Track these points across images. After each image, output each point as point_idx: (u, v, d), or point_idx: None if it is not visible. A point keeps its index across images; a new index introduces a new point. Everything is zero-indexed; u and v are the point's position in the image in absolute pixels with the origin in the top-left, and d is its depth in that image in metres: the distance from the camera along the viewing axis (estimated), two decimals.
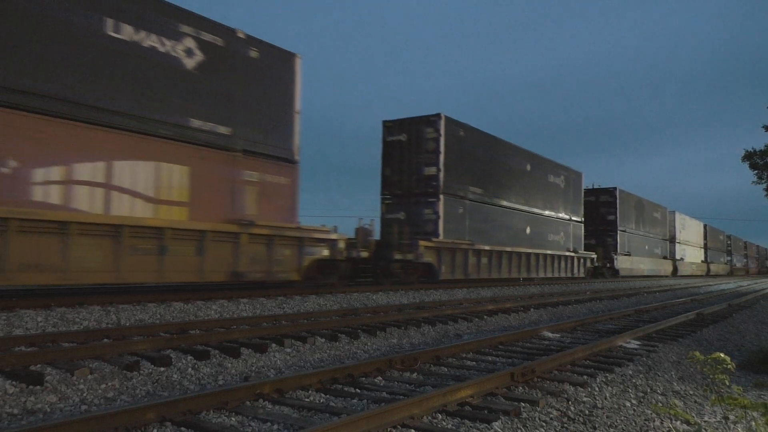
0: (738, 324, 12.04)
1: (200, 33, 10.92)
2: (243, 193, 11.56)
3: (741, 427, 4.72)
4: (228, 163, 11.32)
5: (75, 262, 8.86)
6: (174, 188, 10.44)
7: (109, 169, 9.54)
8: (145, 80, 10.05)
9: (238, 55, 11.58)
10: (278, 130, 12.41)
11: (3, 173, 8.28)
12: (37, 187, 8.68)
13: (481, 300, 14.09)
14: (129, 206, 9.79)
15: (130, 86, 9.85)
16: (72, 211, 8.94)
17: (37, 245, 8.48)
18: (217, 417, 4.16)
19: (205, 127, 10.92)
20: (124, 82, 9.77)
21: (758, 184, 20.74)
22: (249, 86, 11.81)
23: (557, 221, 25.34)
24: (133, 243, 9.59)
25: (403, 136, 18.03)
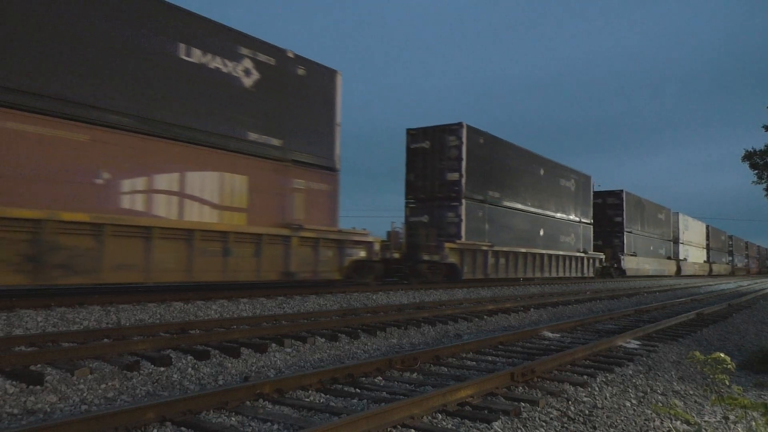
0: (738, 324, 12.04)
1: (256, 54, 12.04)
2: (292, 199, 12.68)
3: (741, 427, 4.71)
4: (279, 172, 12.43)
5: (156, 262, 9.93)
6: (235, 196, 11.57)
7: (183, 180, 10.68)
8: (211, 98, 11.13)
9: (288, 73, 12.72)
10: (321, 140, 13.50)
11: (98, 184, 9.40)
12: (125, 196, 9.81)
13: (481, 300, 14.09)
14: (198, 212, 10.93)
15: (200, 104, 10.94)
16: (153, 217, 10.11)
17: (126, 248, 9.55)
18: (217, 417, 4.16)
19: (260, 139, 12.02)
20: (194, 101, 10.86)
21: (758, 184, 20.75)
22: (297, 101, 12.90)
23: (568, 223, 26.30)
24: (202, 246, 10.67)
25: (426, 143, 19.10)
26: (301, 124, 12.98)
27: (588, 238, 28.56)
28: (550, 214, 24.52)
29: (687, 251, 45.43)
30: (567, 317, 12.19)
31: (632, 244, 34.18)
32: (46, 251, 8.59)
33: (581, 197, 27.86)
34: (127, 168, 9.78)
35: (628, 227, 33.59)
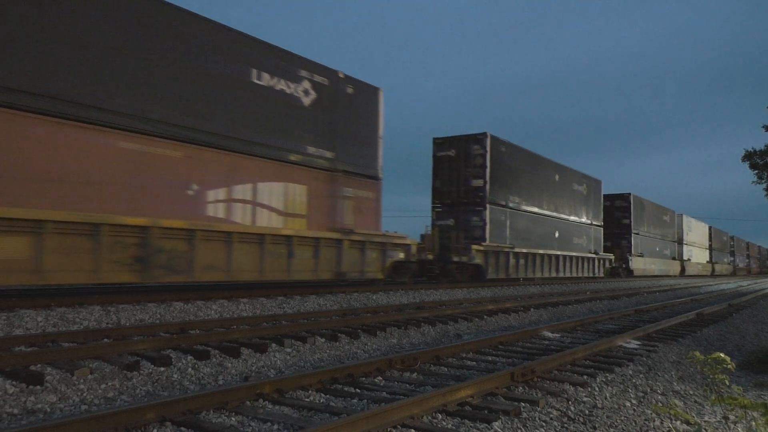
0: (738, 324, 12.04)
1: (313, 75, 13.34)
2: (342, 205, 13.96)
3: (741, 427, 4.72)
4: (332, 182, 13.75)
5: (235, 263, 11.23)
6: (297, 203, 12.91)
7: (255, 190, 12.00)
8: (277, 117, 12.42)
9: (338, 92, 14.02)
10: (367, 152, 14.82)
11: (189, 195, 10.70)
12: (210, 205, 11.12)
13: (481, 300, 14.09)
14: (267, 219, 12.20)
15: (268, 122, 12.21)
16: (232, 224, 11.41)
17: (212, 250, 10.86)
18: (217, 417, 4.16)
19: (317, 152, 13.32)
20: (264, 119, 12.12)
21: (758, 184, 20.75)
22: (346, 116, 14.21)
23: (581, 226, 27.64)
24: (271, 248, 11.96)
25: (452, 151, 20.41)
26: (350, 138, 14.30)
27: (598, 239, 29.77)
28: (564, 217, 25.75)
29: (690, 252, 46.56)
30: (567, 317, 12.19)
31: (639, 245, 35.23)
32: (152, 253, 9.89)
33: (592, 201, 29.10)
34: (211, 180, 11.14)
35: (635, 229, 34.72)
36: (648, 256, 36.62)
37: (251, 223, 11.78)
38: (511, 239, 21.15)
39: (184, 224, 10.34)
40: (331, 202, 13.69)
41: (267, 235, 11.85)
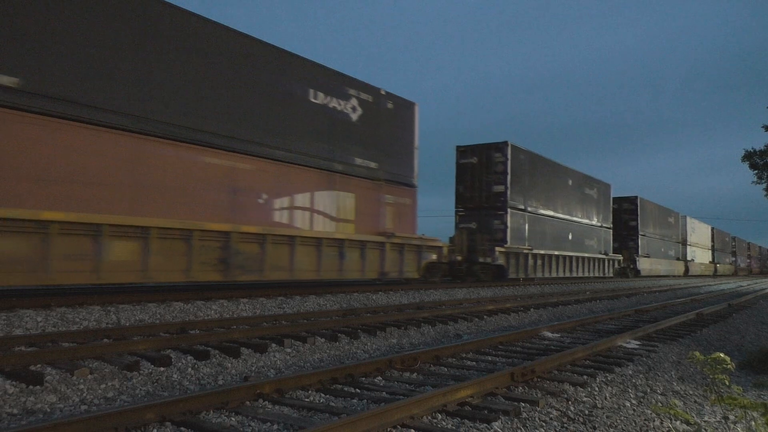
0: (738, 324, 12.04)
1: (360, 93, 14.65)
2: (384, 211, 15.29)
3: (741, 427, 4.72)
4: (375, 190, 15.07)
5: (297, 264, 12.53)
6: (346, 210, 14.14)
7: (312, 198, 13.25)
8: (330, 131, 13.71)
9: (380, 107, 15.36)
10: (404, 161, 16.14)
11: (259, 203, 11.95)
12: (276, 212, 12.36)
13: (481, 300, 14.09)
14: (322, 224, 13.48)
15: (323, 137, 13.52)
16: (295, 228, 12.67)
17: (278, 252, 12.16)
18: (217, 417, 4.16)
19: (363, 163, 14.65)
20: (319, 134, 13.41)
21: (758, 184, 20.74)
22: (387, 129, 15.54)
23: (592, 228, 28.97)
24: (327, 251, 13.26)
25: (474, 159, 21.70)
26: (390, 149, 15.64)
27: (608, 241, 31.09)
28: (576, 219, 27.07)
29: (694, 252, 47.73)
30: (567, 317, 12.19)
31: (646, 246, 36.48)
32: (232, 255, 11.18)
33: (602, 204, 30.47)
34: (277, 190, 12.41)
35: (641, 231, 35.95)
36: (654, 257, 37.86)
37: (309, 228, 13.15)
38: (529, 241, 22.43)
39: (257, 229, 11.73)
40: (375, 208, 15.09)
41: (323, 238, 13.23)
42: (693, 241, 47.60)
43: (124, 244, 9.56)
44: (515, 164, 21.53)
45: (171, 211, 10.28)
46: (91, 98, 9.22)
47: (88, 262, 9.08)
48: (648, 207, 37.61)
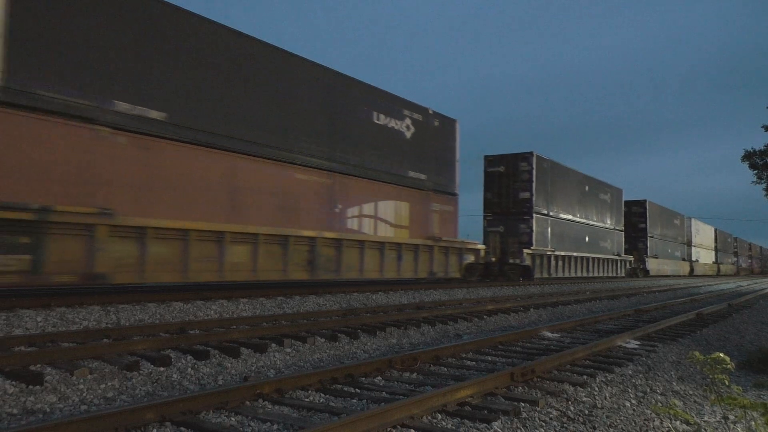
0: (738, 324, 12.04)
1: (412, 114, 16.66)
2: (432, 217, 17.19)
3: (741, 427, 4.72)
4: (425, 198, 17.00)
5: (366, 264, 14.50)
6: (402, 217, 16.09)
7: (376, 207, 15.19)
8: (390, 149, 15.76)
9: (428, 125, 17.31)
10: (447, 172, 18.00)
11: (336, 212, 13.83)
12: (348, 219, 14.25)
13: (480, 300, 14.09)
14: (384, 229, 15.39)
15: (384, 153, 15.48)
16: (363, 234, 14.60)
17: (351, 255, 14.09)
18: (217, 417, 4.16)
19: (414, 175, 16.63)
20: (381, 151, 15.42)
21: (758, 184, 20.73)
22: (433, 144, 17.48)
23: (606, 230, 30.96)
24: (388, 253, 15.29)
25: (502, 168, 23.57)
26: (436, 161, 17.50)
27: (620, 242, 33.15)
28: (593, 223, 29.13)
29: (698, 253, 49.61)
30: (567, 317, 12.19)
31: (654, 247, 38.43)
32: (317, 257, 13.05)
33: (615, 208, 32.52)
34: (348, 200, 14.29)
35: (650, 233, 37.89)
36: (661, 258, 39.83)
37: (374, 233, 14.99)
38: (552, 243, 24.34)
39: (335, 235, 13.57)
40: (424, 215, 16.98)
41: (385, 242, 15.17)
42: (697, 242, 49.32)
43: (241, 248, 11.51)
44: (539, 172, 23.39)
45: (271, 219, 12.27)
46: (219, 129, 11.32)
47: (215, 262, 11.02)
48: (656, 210, 39.39)
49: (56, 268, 8.85)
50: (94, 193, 9.37)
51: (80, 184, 9.21)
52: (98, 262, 9.25)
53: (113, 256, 9.45)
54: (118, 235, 9.55)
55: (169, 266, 10.22)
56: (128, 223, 9.62)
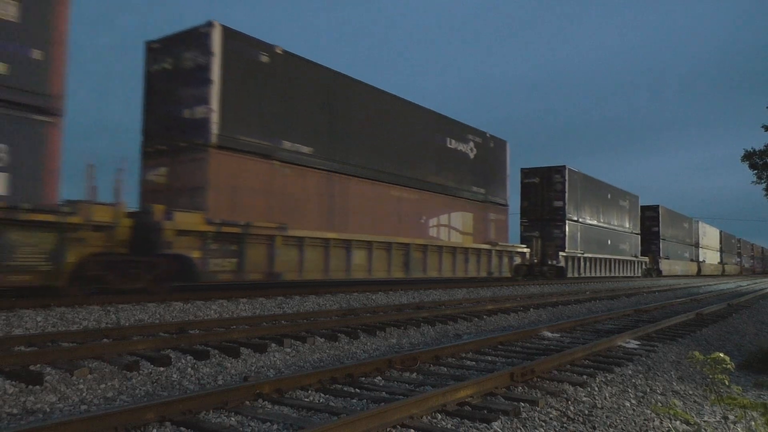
0: (737, 324, 12.04)
1: (474, 137, 19.79)
2: (489, 225, 20.41)
3: (740, 427, 4.72)
4: (483, 209, 20.21)
5: (444, 266, 17.57)
6: (467, 225, 19.15)
7: (448, 217, 18.28)
8: (458, 168, 18.86)
9: (486, 146, 20.54)
10: (500, 186, 21.38)
11: (421, 223, 16.98)
12: (429, 228, 17.34)
13: (480, 300, 14.09)
14: (455, 236, 18.53)
15: (454, 172, 18.65)
16: (440, 240, 17.61)
17: (432, 257, 17.07)
18: (217, 417, 4.16)
19: (477, 190, 19.83)
20: (452, 171, 18.51)
21: (758, 184, 20.74)
22: (489, 162, 20.66)
23: (625, 234, 34.02)
24: (459, 256, 18.34)
25: (537, 179, 26.72)
26: (491, 177, 20.74)
27: (637, 245, 36.24)
28: (614, 227, 32.18)
29: (705, 254, 52.65)
30: (566, 317, 12.19)
31: (666, 249, 41.46)
32: (410, 260, 16.09)
33: (632, 213, 35.78)
34: (430, 213, 17.40)
35: (662, 235, 40.82)
36: (673, 259, 42.94)
37: (448, 240, 18.06)
38: (580, 246, 27.33)
39: (423, 241, 16.67)
40: (484, 224, 20.07)
41: (457, 247, 18.25)
42: (704, 243, 52.29)
43: (361, 253, 14.49)
44: (570, 183, 26.46)
45: (378, 228, 15.17)
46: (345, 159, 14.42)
47: (344, 263, 13.96)
48: (667, 214, 42.40)
49: (251, 268, 11.59)
50: (272, 211, 12.28)
51: (266, 206, 12.21)
52: (276, 264, 12.07)
53: (284, 259, 12.28)
54: (287, 244, 12.41)
55: (316, 267, 13.15)
56: (293, 234, 12.48)
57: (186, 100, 11.52)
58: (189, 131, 11.37)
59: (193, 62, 11.50)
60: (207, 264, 10.80)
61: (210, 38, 11.28)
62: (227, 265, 11.11)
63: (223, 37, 11.47)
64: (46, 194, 8.60)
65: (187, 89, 11.55)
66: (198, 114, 11.30)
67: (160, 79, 12.07)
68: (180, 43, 11.79)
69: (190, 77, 11.51)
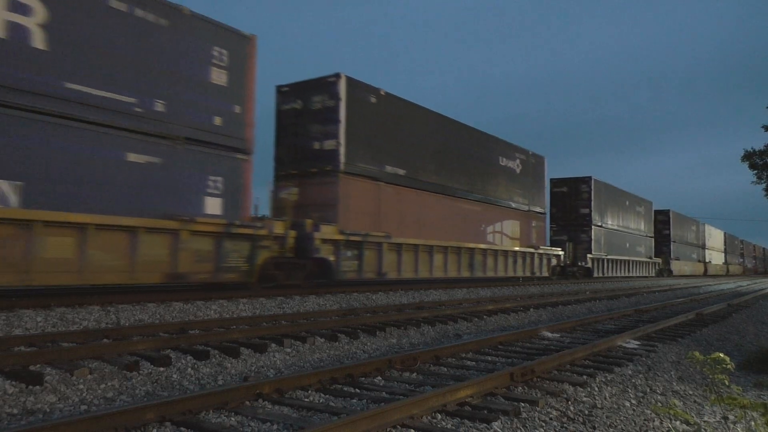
0: (737, 324, 12.04)
1: (520, 155, 22.90)
2: (531, 231, 23.44)
3: (740, 427, 4.72)
4: (527, 217, 23.29)
5: (499, 266, 20.52)
6: (515, 231, 22.21)
7: (502, 225, 21.33)
8: (507, 182, 21.91)
9: (528, 162, 23.61)
10: (539, 197, 24.50)
11: (481, 230, 19.93)
12: (488, 234, 20.43)
13: (480, 300, 14.08)
14: (506, 242, 21.54)
15: (504, 186, 21.68)
16: (494, 245, 20.52)
17: (490, 259, 19.97)
18: (217, 417, 4.16)
19: (522, 201, 22.93)
20: (503, 185, 21.56)
21: (758, 184, 20.72)
22: (531, 176, 23.78)
23: (641, 237, 37.44)
24: (510, 258, 21.35)
25: (565, 188, 29.96)
26: (533, 189, 23.83)
27: (651, 247, 39.78)
28: (631, 231, 35.33)
29: (711, 255, 55.89)
30: (566, 317, 12.18)
31: (676, 251, 44.51)
32: (475, 262, 19.08)
33: (647, 217, 39.08)
34: (487, 221, 20.43)
35: (673, 238, 43.89)
36: (682, 259, 46.15)
37: (501, 244, 21.01)
38: (604, 249, 30.36)
39: (484, 246, 19.59)
40: (527, 230, 23.03)
41: (509, 250, 21.27)
42: (710, 245, 55.64)
43: (440, 256, 17.36)
44: (596, 192, 29.59)
45: (450, 235, 17.98)
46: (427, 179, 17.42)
47: (428, 264, 16.77)
48: (677, 218, 45.32)
49: (367, 268, 14.51)
50: (379, 223, 15.19)
51: (374, 218, 15.07)
52: (383, 265, 15.04)
53: (388, 261, 15.27)
54: (390, 249, 15.35)
55: (410, 268, 16.17)
56: (395, 241, 15.41)
57: (315, 134, 14.44)
58: (319, 160, 14.27)
59: (321, 104, 14.35)
60: (340, 265, 13.68)
61: (338, 86, 14.16)
62: (352, 266, 14.10)
63: (347, 85, 14.28)
64: (243, 213, 11.55)
65: (316, 126, 14.44)
66: (327, 146, 14.18)
67: (290, 116, 14.88)
68: (309, 89, 14.69)
69: (320, 116, 14.39)
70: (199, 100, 10.75)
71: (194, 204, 10.60)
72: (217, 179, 10.99)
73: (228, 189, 11.15)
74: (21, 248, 8.15)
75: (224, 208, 11.04)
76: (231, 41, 11.37)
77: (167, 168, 10.17)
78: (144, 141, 9.85)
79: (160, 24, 10.20)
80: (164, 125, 10.15)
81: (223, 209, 11.02)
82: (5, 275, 8.01)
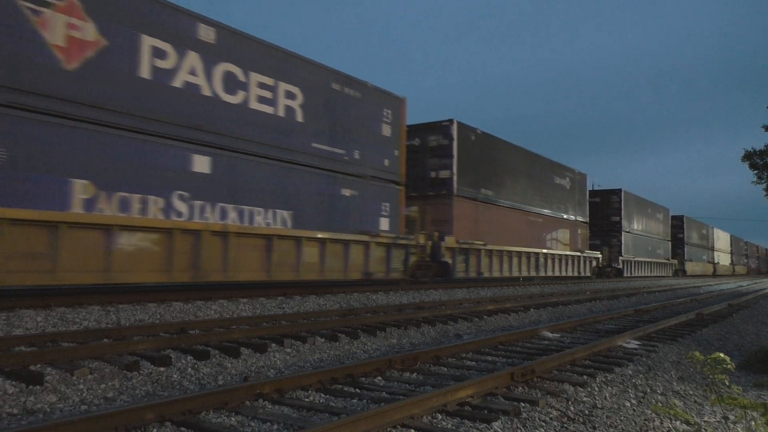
0: (738, 324, 12.03)
1: (569, 173, 26.47)
2: (578, 237, 27.03)
3: (741, 427, 4.71)
4: (575, 226, 26.86)
5: (555, 267, 24.11)
6: (566, 239, 25.69)
7: (557, 233, 24.76)
8: (559, 197, 25.35)
9: (575, 179, 27.18)
10: (582, 209, 28.09)
11: (543, 237, 23.54)
12: (548, 241, 23.96)
13: (481, 300, 14.08)
14: (560, 247, 24.96)
15: (557, 200, 25.12)
16: (550, 250, 23.87)
17: (548, 262, 23.63)
18: (217, 417, 4.16)
19: (572, 213, 26.58)
20: (556, 199, 25.02)
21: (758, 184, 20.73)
22: (577, 191, 27.40)
23: (660, 241, 41.24)
24: (563, 261, 24.89)
25: (598, 198, 33.37)
26: (577, 202, 27.40)
27: (668, 249, 43.57)
28: (652, 236, 39.26)
29: (719, 256, 59.71)
30: (567, 317, 12.18)
31: (689, 253, 47.99)
32: (539, 264, 22.56)
33: (665, 223, 43.09)
34: (547, 230, 23.96)
35: (686, 241, 47.29)
36: (695, 261, 49.67)
37: (556, 249, 24.45)
38: (632, 252, 34.28)
39: (545, 251, 23.22)
40: (574, 237, 26.70)
41: (562, 255, 24.86)
42: (718, 247, 59.45)
43: (515, 259, 20.83)
44: (625, 202, 33.43)
45: (523, 242, 21.57)
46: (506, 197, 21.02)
47: (508, 266, 20.43)
48: (690, 222, 48.85)
49: (471, 270, 18.41)
50: (477, 234, 18.75)
51: (473, 230, 18.63)
52: (482, 266, 18.87)
53: (484, 263, 19.03)
54: (486, 254, 19.21)
55: (497, 268, 19.80)
56: (489, 247, 19.19)
57: (432, 166, 18.40)
58: (436, 186, 18.26)
59: (437, 143, 18.33)
60: (456, 267, 17.60)
61: (451, 129, 18.13)
62: (462, 267, 17.99)
63: (458, 128, 18.23)
64: (399, 228, 15.24)
65: (433, 159, 18.41)
66: (443, 175, 18.23)
67: (409, 151, 17.08)
68: (426, 130, 18.52)
69: (436, 152, 18.36)
70: (376, 148, 14.65)
71: (375, 223, 14.48)
72: (386, 204, 14.90)
73: (391, 211, 15.09)
74: (294, 255, 12.12)
75: (390, 226, 14.92)
76: (393, 103, 15.29)
77: (361, 198, 14.06)
78: (350, 180, 13.77)
79: (356, 97, 14.06)
80: (360, 168, 14.02)
81: (390, 226, 14.91)
82: (286, 273, 11.99)
